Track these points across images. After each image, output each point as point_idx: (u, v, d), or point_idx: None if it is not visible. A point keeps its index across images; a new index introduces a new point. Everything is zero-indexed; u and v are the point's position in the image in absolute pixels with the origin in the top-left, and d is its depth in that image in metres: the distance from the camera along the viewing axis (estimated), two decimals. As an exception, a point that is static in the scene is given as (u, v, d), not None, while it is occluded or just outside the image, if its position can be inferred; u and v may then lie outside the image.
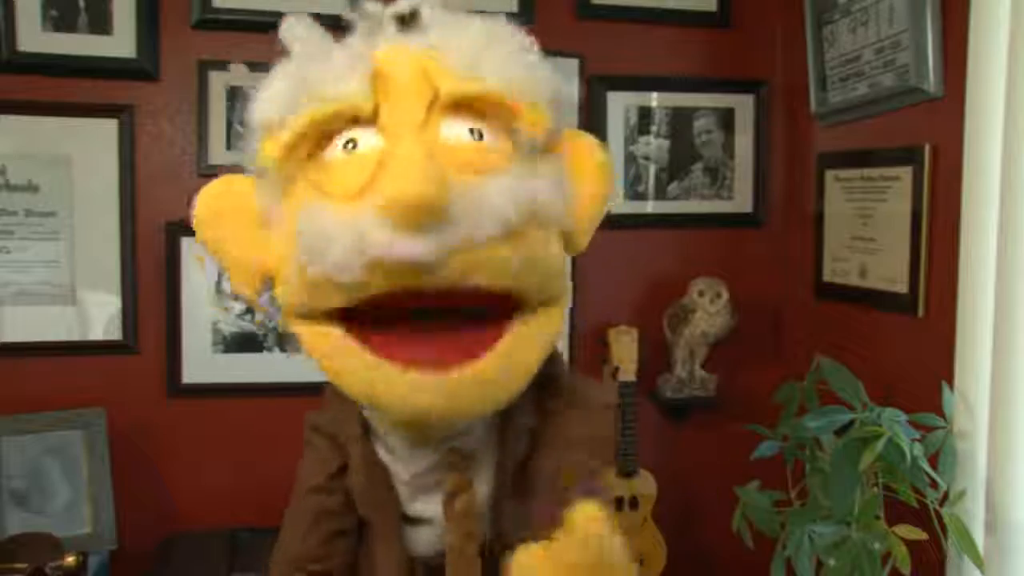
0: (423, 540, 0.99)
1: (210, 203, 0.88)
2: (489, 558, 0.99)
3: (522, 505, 0.96)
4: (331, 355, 0.83)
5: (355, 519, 1.00)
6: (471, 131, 0.81)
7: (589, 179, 0.90)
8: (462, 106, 0.81)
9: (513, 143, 0.83)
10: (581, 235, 0.91)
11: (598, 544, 0.72)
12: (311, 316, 0.83)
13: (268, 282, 0.88)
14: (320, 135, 0.81)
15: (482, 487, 0.96)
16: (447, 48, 0.82)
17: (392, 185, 0.71)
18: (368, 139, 0.80)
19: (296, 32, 0.89)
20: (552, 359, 0.93)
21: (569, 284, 0.90)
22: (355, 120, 0.81)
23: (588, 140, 0.93)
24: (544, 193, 0.82)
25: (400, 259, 0.73)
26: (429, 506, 0.97)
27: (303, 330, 0.85)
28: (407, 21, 0.87)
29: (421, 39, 0.84)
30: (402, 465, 0.96)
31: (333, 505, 0.98)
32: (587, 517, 0.72)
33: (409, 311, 0.80)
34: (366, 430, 0.96)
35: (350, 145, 0.80)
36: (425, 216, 0.71)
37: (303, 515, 0.99)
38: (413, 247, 0.72)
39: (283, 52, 0.89)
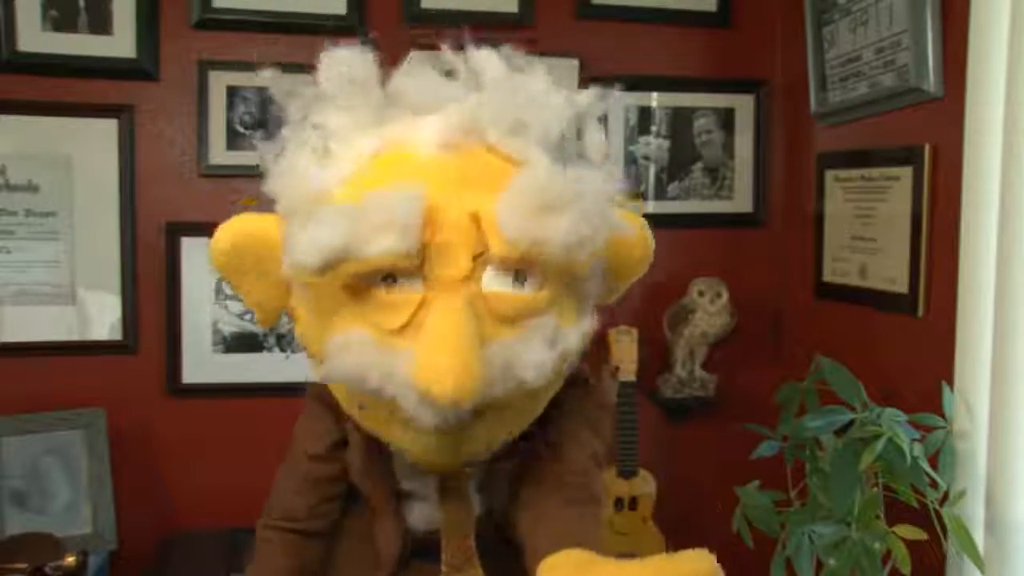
0: (417, 515, 1.02)
1: (229, 240, 0.89)
2: (483, 533, 1.01)
3: (514, 481, 0.99)
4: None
5: (346, 484, 1.03)
6: (516, 276, 0.82)
7: (629, 264, 1.00)
8: (509, 262, 0.81)
9: (555, 285, 0.84)
10: (612, 296, 1.01)
11: None
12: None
13: (288, 314, 0.92)
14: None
15: (477, 468, 0.98)
16: (502, 199, 0.79)
17: (427, 377, 0.74)
18: (411, 282, 0.80)
19: (341, 73, 0.87)
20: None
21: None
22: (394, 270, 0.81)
23: (643, 228, 1.02)
24: (573, 341, 0.86)
25: (436, 424, 0.78)
26: (424, 480, 0.99)
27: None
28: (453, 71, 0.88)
29: (456, 95, 0.86)
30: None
31: (329, 472, 1.02)
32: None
33: None
34: None
35: (391, 281, 0.81)
36: (458, 409, 0.75)
37: (298, 476, 1.04)
38: (448, 418, 0.78)
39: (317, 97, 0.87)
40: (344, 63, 0.87)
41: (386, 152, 0.85)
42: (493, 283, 0.81)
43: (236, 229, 0.89)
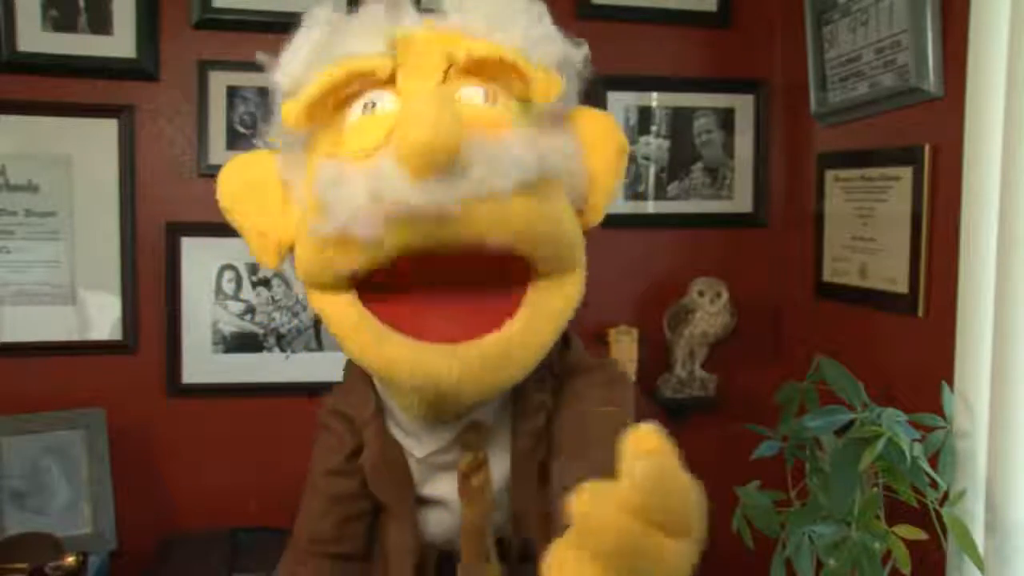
0: (436, 523, 0.99)
1: (233, 175, 0.91)
2: (505, 542, 0.99)
3: (540, 488, 0.94)
4: (345, 325, 0.83)
5: (372, 502, 1.00)
6: (486, 96, 0.82)
7: (604, 153, 0.91)
8: (478, 72, 0.82)
9: (528, 112, 0.83)
10: (596, 209, 0.91)
11: (664, 477, 0.60)
12: (326, 285, 0.83)
13: (290, 252, 0.89)
14: (340, 98, 0.82)
15: (497, 468, 0.95)
16: (463, 19, 0.83)
17: (407, 132, 0.72)
18: (387, 102, 0.81)
19: (320, 11, 0.89)
20: (566, 338, 0.92)
21: (584, 257, 0.89)
22: (374, 84, 0.81)
23: (603, 116, 0.94)
24: (557, 155, 0.82)
25: (417, 207, 0.72)
26: (443, 487, 0.96)
27: (319, 300, 0.85)
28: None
29: (439, 17, 0.86)
30: (416, 444, 0.95)
31: (349, 488, 0.98)
32: (644, 444, 0.62)
33: (423, 283, 0.81)
34: (380, 410, 0.96)
35: (369, 108, 0.81)
36: (441, 160, 0.71)
37: (319, 498, 1.00)
38: (430, 194, 0.72)
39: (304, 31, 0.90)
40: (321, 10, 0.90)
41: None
42: (467, 96, 0.82)
43: (239, 159, 0.92)
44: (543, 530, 0.92)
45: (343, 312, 0.83)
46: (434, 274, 0.80)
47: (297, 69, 0.84)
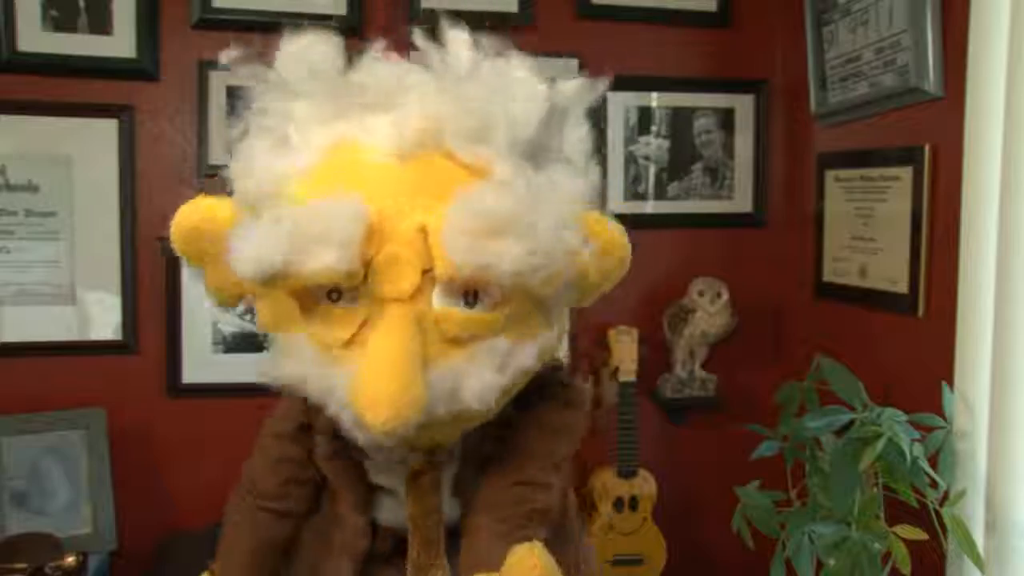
0: (387, 509, 1.00)
1: (185, 222, 0.89)
2: (455, 533, 0.99)
3: (486, 480, 0.96)
4: (303, 365, 0.83)
5: (315, 472, 1.02)
6: (465, 298, 0.77)
7: (606, 262, 0.90)
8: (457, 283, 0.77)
9: (509, 305, 0.80)
10: (586, 302, 0.92)
11: None
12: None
13: (245, 298, 0.90)
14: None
15: (448, 467, 0.97)
16: (450, 218, 0.74)
17: (363, 404, 0.72)
18: (355, 297, 0.77)
19: (302, 67, 0.85)
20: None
21: (563, 321, 0.91)
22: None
23: (615, 233, 0.92)
24: (529, 360, 0.82)
25: (375, 436, 0.75)
26: (394, 477, 0.97)
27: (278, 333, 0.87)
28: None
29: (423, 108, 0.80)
30: (369, 443, 0.96)
31: (294, 454, 1.01)
32: (525, 563, 0.72)
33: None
34: None
35: (334, 296, 0.78)
36: (399, 431, 0.73)
37: (266, 456, 1.04)
38: (388, 435, 0.74)
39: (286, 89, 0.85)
40: (305, 49, 0.84)
41: (342, 150, 0.81)
42: (442, 300, 0.77)
43: (191, 213, 0.89)
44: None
45: (303, 359, 0.83)
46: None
47: (256, 265, 0.75)
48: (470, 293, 0.77)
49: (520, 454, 0.95)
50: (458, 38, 0.84)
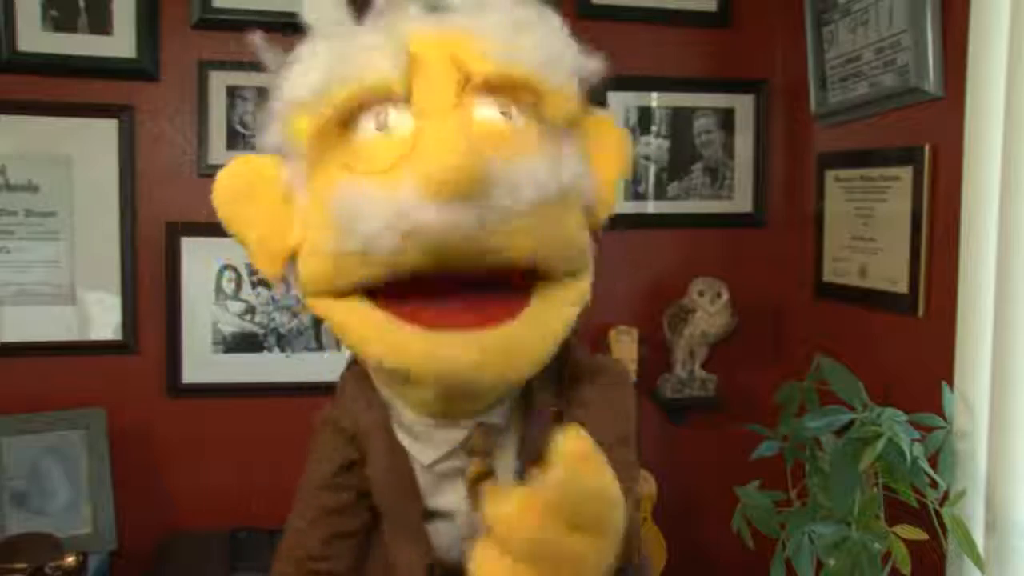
0: (443, 537, 0.97)
1: (231, 181, 0.88)
2: None
3: None
4: (355, 325, 0.83)
5: (363, 520, 0.98)
6: (502, 113, 0.81)
7: (609, 157, 0.92)
8: (493, 88, 0.81)
9: (541, 124, 0.83)
10: (602, 210, 0.92)
11: (576, 480, 0.64)
12: (334, 293, 0.83)
13: (291, 260, 0.87)
14: (351, 113, 0.81)
15: (506, 474, 0.94)
16: (476, 30, 0.82)
17: (431, 159, 0.72)
18: (400, 119, 0.79)
19: (322, 10, 0.87)
20: (569, 343, 0.92)
21: (591, 259, 0.90)
22: (386, 99, 0.80)
23: (608, 121, 0.95)
24: (571, 172, 0.83)
25: (440, 231, 0.73)
26: (450, 497, 0.95)
27: (325, 305, 0.84)
28: (434, 4, 0.87)
29: (448, 21, 0.84)
30: (424, 448, 0.93)
31: (339, 503, 0.97)
32: (571, 452, 0.66)
33: (433, 284, 0.80)
34: (386, 417, 0.94)
35: (382, 123, 0.80)
36: (466, 187, 0.72)
37: (308, 512, 0.98)
38: (454, 218, 0.72)
39: (306, 32, 0.87)
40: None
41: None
42: (483, 115, 0.80)
43: (236, 163, 0.89)
44: None
45: (354, 315, 0.82)
46: (446, 275, 0.81)
47: (308, 81, 0.81)
48: (505, 112, 0.81)
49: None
50: None
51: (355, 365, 0.99)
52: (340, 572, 0.98)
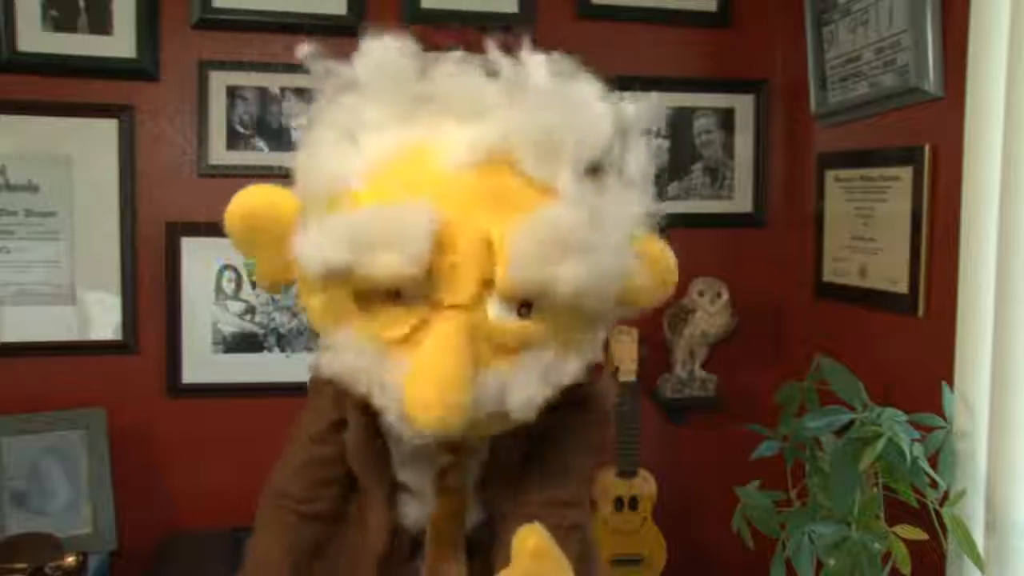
0: (411, 511, 1.01)
1: (245, 207, 0.88)
2: (477, 539, 1.01)
3: (512, 491, 0.98)
4: (353, 360, 0.85)
5: (345, 470, 1.02)
6: (520, 309, 0.80)
7: (645, 274, 0.91)
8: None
9: (564, 318, 0.83)
10: (628, 316, 0.95)
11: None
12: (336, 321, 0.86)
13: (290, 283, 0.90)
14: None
15: (474, 468, 0.98)
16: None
17: (414, 405, 0.75)
18: (415, 298, 0.79)
19: (378, 66, 0.86)
20: None
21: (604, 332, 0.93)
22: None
23: (665, 255, 0.95)
24: (571, 373, 0.85)
25: (423, 436, 0.78)
26: (418, 475, 0.99)
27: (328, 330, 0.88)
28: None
29: (488, 138, 0.81)
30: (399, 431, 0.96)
31: (326, 454, 1.02)
32: (531, 551, 0.74)
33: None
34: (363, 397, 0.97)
35: (394, 295, 0.79)
36: (445, 431, 0.76)
37: (295, 458, 1.04)
38: (429, 434, 0.77)
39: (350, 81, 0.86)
40: (384, 53, 0.85)
41: (411, 154, 0.83)
42: (497, 310, 0.79)
43: (250, 198, 0.88)
44: (511, 528, 0.94)
45: (351, 350, 0.84)
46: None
47: (325, 257, 0.78)
48: (524, 305, 0.80)
49: (554, 470, 0.98)
50: (532, 56, 0.86)
51: None
52: (322, 512, 1.04)
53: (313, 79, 0.87)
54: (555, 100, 0.83)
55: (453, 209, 0.78)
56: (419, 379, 0.75)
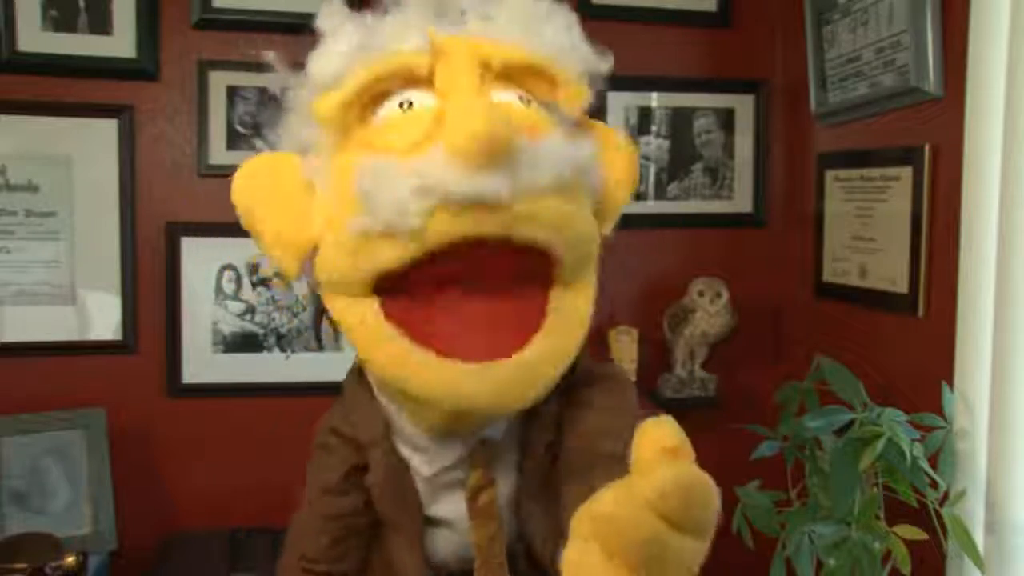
0: (443, 544, 0.98)
1: (250, 174, 0.87)
2: (513, 559, 0.97)
3: (548, 506, 0.93)
4: (367, 337, 0.82)
5: (368, 521, 0.98)
6: (520, 99, 0.83)
7: (616, 166, 0.92)
8: (511, 77, 0.83)
9: (554, 115, 0.85)
10: (608, 219, 0.92)
11: (688, 483, 0.61)
12: (352, 289, 0.81)
13: (310, 254, 0.86)
14: (375, 95, 0.82)
15: (505, 486, 0.94)
16: (495, 27, 0.85)
17: (459, 128, 0.72)
18: (423, 99, 0.81)
19: (335, 19, 0.88)
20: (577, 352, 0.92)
21: (596, 263, 0.91)
22: (410, 82, 0.81)
23: (613, 130, 0.96)
24: (586, 158, 0.84)
25: (470, 196, 0.73)
26: (450, 506, 0.95)
27: (341, 305, 0.83)
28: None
29: (470, 24, 0.86)
30: (425, 461, 0.94)
31: (346, 506, 0.97)
32: (663, 443, 0.64)
33: (445, 290, 0.80)
34: (387, 427, 0.94)
35: (406, 105, 0.81)
36: (493, 154, 0.72)
37: (314, 516, 0.98)
38: (483, 183, 0.73)
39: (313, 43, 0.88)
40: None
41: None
42: (502, 99, 0.82)
43: (256, 159, 0.89)
44: (551, 546, 0.91)
45: (368, 323, 0.81)
46: (457, 281, 0.80)
47: (333, 63, 0.83)
48: (523, 98, 0.83)
49: (592, 435, 0.91)
50: None
51: (358, 371, 0.99)
52: (346, 572, 0.99)
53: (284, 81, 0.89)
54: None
55: (439, 35, 0.84)
56: (456, 110, 0.75)
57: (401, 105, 0.81)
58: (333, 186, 0.83)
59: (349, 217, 0.78)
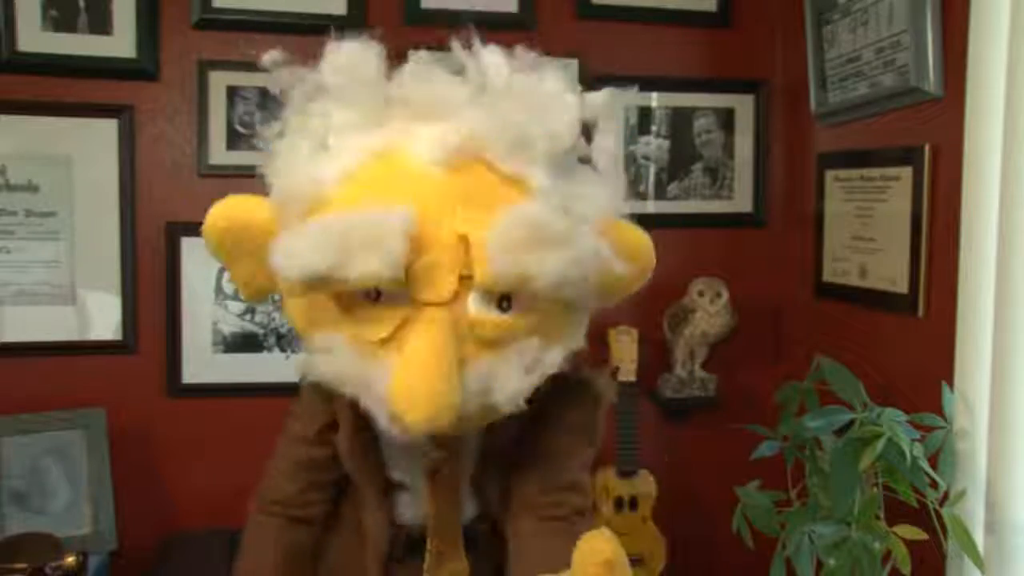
0: (406, 507, 1.02)
1: (222, 220, 0.89)
2: (475, 531, 1.02)
3: (505, 482, 0.99)
4: (342, 368, 0.85)
5: (338, 472, 1.03)
6: (501, 300, 0.81)
7: (632, 281, 0.99)
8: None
9: (545, 308, 0.84)
10: (609, 305, 0.99)
11: None
12: (317, 324, 0.87)
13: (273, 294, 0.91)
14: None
15: (467, 461, 0.99)
16: (491, 227, 0.78)
17: (401, 403, 0.75)
18: (395, 298, 0.80)
19: (347, 73, 0.86)
20: None
21: (583, 327, 0.96)
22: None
23: (640, 240, 1.01)
24: (556, 361, 0.86)
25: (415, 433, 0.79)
26: (410, 473, 1.00)
27: (314, 338, 0.88)
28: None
29: (464, 125, 0.82)
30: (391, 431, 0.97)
31: (318, 456, 1.02)
32: (594, 553, 0.72)
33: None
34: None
35: (372, 295, 0.81)
36: (437, 428, 0.77)
37: (288, 462, 1.05)
38: (419, 432, 0.78)
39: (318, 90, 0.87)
40: (350, 58, 0.86)
41: (383, 156, 0.83)
42: (478, 305, 0.80)
43: (227, 209, 0.89)
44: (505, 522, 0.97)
45: (333, 353, 0.84)
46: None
47: (303, 265, 0.77)
48: (504, 299, 0.81)
49: (551, 456, 0.98)
50: (493, 53, 0.87)
51: None
52: (314, 516, 1.04)
53: (281, 84, 0.88)
54: (521, 95, 0.84)
55: (428, 209, 0.79)
56: (405, 378, 0.76)
57: (370, 294, 0.80)
58: (302, 308, 0.88)
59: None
